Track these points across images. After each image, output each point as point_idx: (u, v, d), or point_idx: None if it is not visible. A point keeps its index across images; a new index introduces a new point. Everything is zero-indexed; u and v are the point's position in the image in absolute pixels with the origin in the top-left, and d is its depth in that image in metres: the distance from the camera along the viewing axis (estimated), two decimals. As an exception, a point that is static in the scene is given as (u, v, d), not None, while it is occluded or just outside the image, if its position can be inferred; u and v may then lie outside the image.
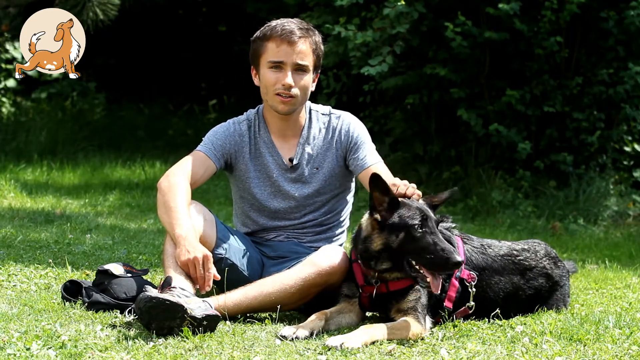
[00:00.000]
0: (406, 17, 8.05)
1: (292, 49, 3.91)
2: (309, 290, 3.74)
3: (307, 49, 3.95)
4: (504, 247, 4.01)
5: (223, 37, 15.19)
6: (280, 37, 3.91)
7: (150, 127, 13.25)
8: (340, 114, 4.15)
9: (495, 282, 3.91)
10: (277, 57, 3.92)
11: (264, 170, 4.09)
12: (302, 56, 3.93)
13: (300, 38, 3.92)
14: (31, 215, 6.52)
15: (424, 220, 3.54)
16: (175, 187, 3.81)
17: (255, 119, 4.12)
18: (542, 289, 4.04)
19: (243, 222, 4.21)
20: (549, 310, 4.05)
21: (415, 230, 3.53)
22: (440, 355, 3.26)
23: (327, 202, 4.10)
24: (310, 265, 3.75)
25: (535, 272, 4.02)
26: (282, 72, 3.93)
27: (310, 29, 4.00)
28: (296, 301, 3.76)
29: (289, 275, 3.75)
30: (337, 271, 3.76)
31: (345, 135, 4.09)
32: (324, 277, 3.74)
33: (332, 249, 3.82)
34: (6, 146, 10.16)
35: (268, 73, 3.96)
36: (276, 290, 3.71)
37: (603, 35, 8.37)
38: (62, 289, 3.91)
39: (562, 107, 8.36)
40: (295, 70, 3.93)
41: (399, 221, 3.55)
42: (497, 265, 3.93)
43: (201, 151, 4.02)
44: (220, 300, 3.64)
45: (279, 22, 3.97)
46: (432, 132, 8.91)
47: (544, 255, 4.08)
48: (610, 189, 8.35)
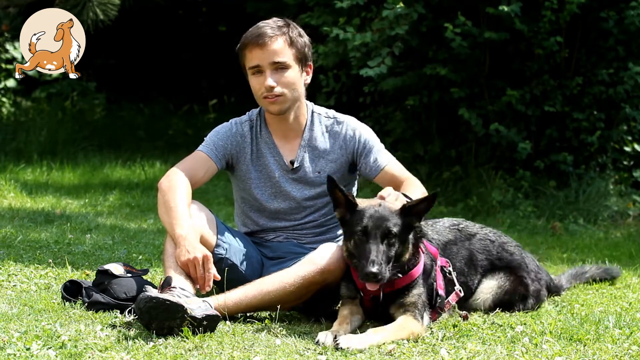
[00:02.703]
0: (405, 18, 8.05)
1: (264, 50, 3.91)
2: (308, 289, 3.74)
3: (282, 46, 3.93)
4: (446, 221, 4.24)
5: (223, 37, 15.19)
6: (252, 43, 3.93)
7: (150, 127, 13.25)
8: (344, 120, 4.14)
9: (455, 251, 4.10)
10: (253, 62, 3.95)
11: (265, 171, 4.09)
12: (276, 55, 3.92)
13: (271, 37, 3.92)
14: (31, 215, 6.52)
15: (364, 228, 3.58)
16: (175, 187, 3.81)
17: (257, 119, 4.12)
18: (492, 253, 4.20)
19: (243, 222, 4.22)
20: (512, 280, 4.16)
21: (356, 237, 3.61)
22: (440, 355, 3.27)
23: (328, 203, 4.10)
24: (309, 264, 3.75)
25: (479, 237, 4.22)
26: (262, 75, 3.94)
27: (284, 25, 3.98)
28: (296, 299, 3.76)
29: (288, 273, 3.75)
30: (335, 269, 3.76)
31: (352, 141, 4.09)
32: (323, 275, 3.73)
33: (330, 247, 3.82)
34: (6, 146, 10.15)
35: (252, 80, 3.99)
36: (275, 289, 3.71)
37: (603, 35, 8.37)
38: (62, 289, 3.91)
39: (562, 107, 8.36)
40: (275, 69, 3.93)
41: (348, 227, 3.66)
42: (450, 236, 4.13)
43: (202, 151, 4.02)
44: (220, 300, 3.64)
45: (252, 28, 3.99)
46: (433, 132, 8.91)
47: (479, 227, 4.31)
48: (610, 189, 8.35)
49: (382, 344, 3.37)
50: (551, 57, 8.33)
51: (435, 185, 8.51)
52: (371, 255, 3.52)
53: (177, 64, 15.25)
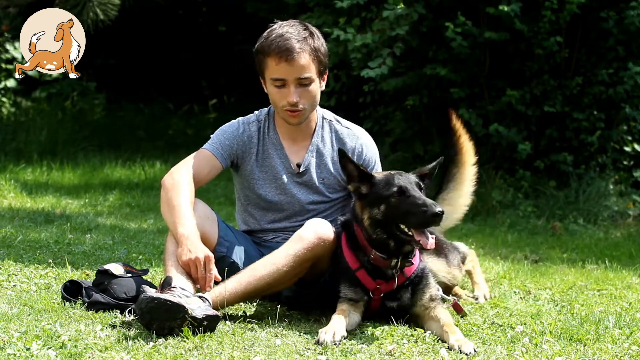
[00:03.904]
0: (405, 18, 8.05)
1: (292, 65, 3.84)
2: (301, 266, 3.74)
3: (307, 61, 3.87)
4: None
5: (223, 37, 15.20)
6: (279, 55, 3.84)
7: (150, 127, 13.26)
8: (355, 132, 4.13)
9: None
10: (277, 74, 3.87)
11: (271, 172, 4.08)
12: (302, 71, 3.86)
13: (299, 53, 3.84)
14: (31, 215, 6.52)
15: (400, 187, 3.61)
16: (179, 185, 3.80)
17: (266, 120, 4.10)
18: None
19: (244, 220, 4.21)
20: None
21: (392, 199, 3.60)
22: (440, 355, 3.27)
23: (331, 207, 4.11)
24: (298, 241, 3.74)
25: None
26: (285, 88, 3.89)
27: (308, 36, 3.91)
28: (290, 279, 3.76)
29: (278, 254, 3.74)
30: (325, 242, 3.76)
31: (359, 158, 4.08)
32: (313, 251, 3.73)
33: (318, 222, 3.81)
34: (6, 146, 10.15)
35: (273, 89, 3.92)
36: (268, 272, 3.71)
37: (603, 35, 8.37)
38: (62, 289, 3.91)
39: (562, 107, 8.36)
40: (299, 84, 3.88)
41: (374, 195, 3.65)
42: None
43: (208, 149, 4.01)
44: (216, 292, 3.63)
45: (276, 34, 3.88)
46: (433, 132, 8.91)
47: None
48: (610, 189, 8.35)
49: (382, 341, 3.38)
50: (551, 57, 8.34)
51: (435, 185, 8.49)
52: (426, 200, 3.56)
53: (177, 64, 15.25)
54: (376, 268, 3.71)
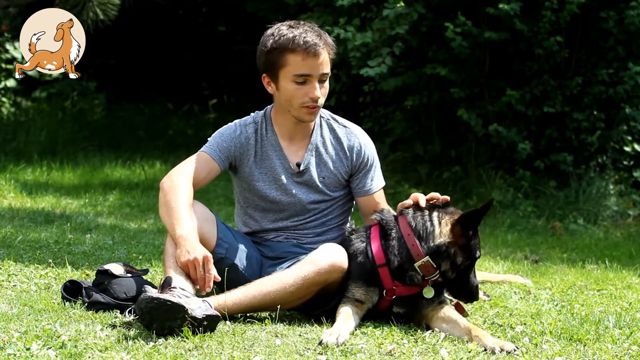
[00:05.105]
0: (405, 17, 8.05)
1: (318, 61, 3.84)
2: (309, 289, 3.73)
3: (327, 57, 3.89)
4: None
5: (223, 37, 15.19)
6: (306, 50, 3.82)
7: (150, 127, 13.25)
8: (354, 131, 4.11)
9: None
10: (303, 70, 3.84)
11: (270, 173, 4.07)
12: (324, 66, 3.88)
13: (323, 48, 3.86)
14: (31, 215, 6.52)
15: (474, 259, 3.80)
16: (177, 187, 3.80)
17: (263, 121, 4.09)
18: None
19: (244, 222, 4.20)
20: None
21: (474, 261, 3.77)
22: (440, 355, 3.26)
23: (332, 206, 4.10)
24: (309, 264, 3.74)
25: None
26: (308, 84, 3.86)
27: (323, 33, 3.94)
28: (296, 300, 3.75)
29: (288, 274, 3.74)
30: (337, 269, 3.74)
31: (357, 156, 4.06)
32: (323, 276, 3.72)
33: (331, 247, 3.81)
34: (6, 146, 10.14)
35: (292, 86, 3.88)
36: (275, 289, 3.70)
37: (603, 35, 8.37)
38: (62, 289, 3.90)
39: (562, 107, 8.36)
40: (320, 80, 3.89)
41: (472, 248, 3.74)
42: None
43: (206, 152, 4.00)
44: (220, 300, 3.64)
45: (295, 32, 3.86)
46: (432, 132, 8.91)
47: None
48: (610, 189, 8.35)
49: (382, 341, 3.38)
50: (551, 57, 8.33)
51: (435, 185, 8.50)
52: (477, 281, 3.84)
53: (177, 64, 15.25)
54: (400, 270, 3.70)
